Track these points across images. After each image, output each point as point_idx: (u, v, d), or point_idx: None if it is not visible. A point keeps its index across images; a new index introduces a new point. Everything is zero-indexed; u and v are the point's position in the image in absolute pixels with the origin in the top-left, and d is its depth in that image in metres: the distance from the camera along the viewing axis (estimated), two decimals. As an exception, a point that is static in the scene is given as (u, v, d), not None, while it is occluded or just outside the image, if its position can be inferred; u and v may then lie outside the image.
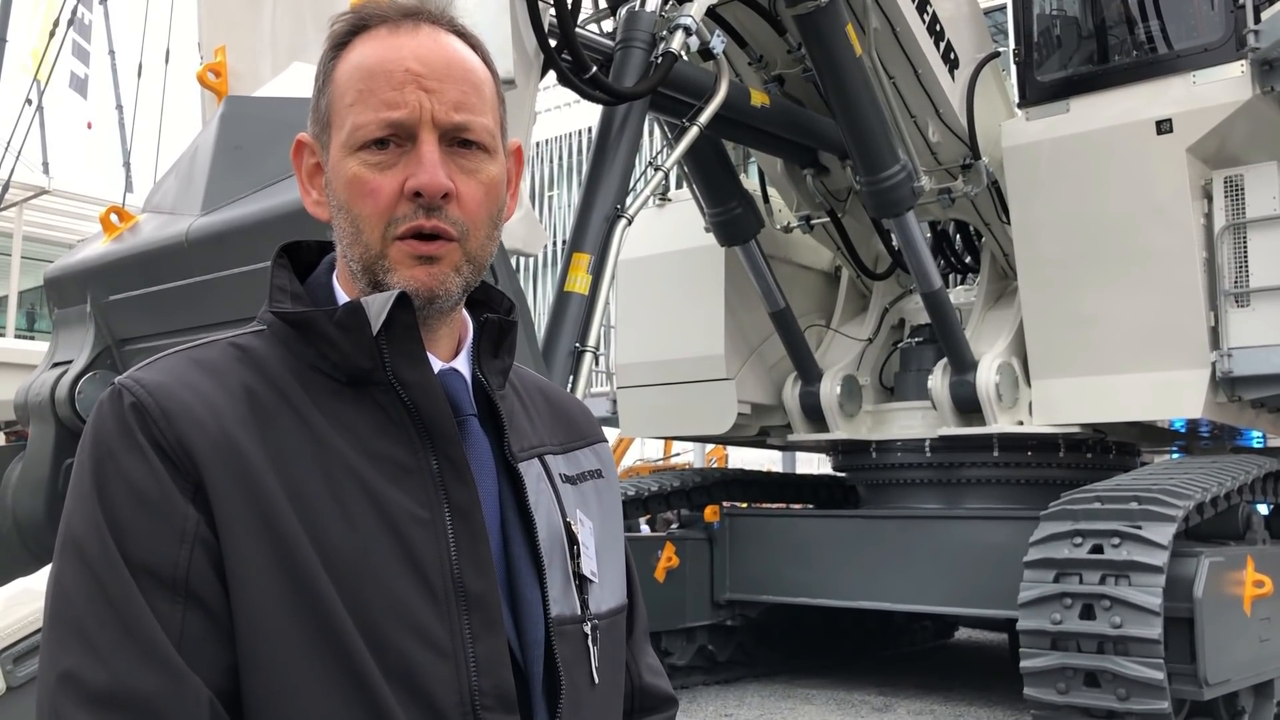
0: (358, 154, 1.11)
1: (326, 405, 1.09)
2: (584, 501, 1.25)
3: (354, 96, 1.12)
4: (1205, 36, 7.44)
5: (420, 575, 1.05)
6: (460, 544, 1.07)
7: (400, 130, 1.10)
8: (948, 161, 8.28)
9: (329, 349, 1.10)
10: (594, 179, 5.57)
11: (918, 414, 8.65)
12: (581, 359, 5.16)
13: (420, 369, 1.11)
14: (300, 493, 1.03)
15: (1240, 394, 7.33)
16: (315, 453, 1.05)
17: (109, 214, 4.81)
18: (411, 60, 1.11)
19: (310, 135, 1.19)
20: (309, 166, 1.20)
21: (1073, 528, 6.12)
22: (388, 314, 1.09)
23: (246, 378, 1.08)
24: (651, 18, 5.68)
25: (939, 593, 7.90)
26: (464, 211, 1.12)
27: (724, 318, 8.88)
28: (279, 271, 1.18)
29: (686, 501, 9.15)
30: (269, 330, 1.15)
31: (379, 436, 1.09)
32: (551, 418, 1.30)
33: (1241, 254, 7.30)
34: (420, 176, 1.09)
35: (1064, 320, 7.75)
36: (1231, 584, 6.25)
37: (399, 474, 1.08)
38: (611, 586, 1.25)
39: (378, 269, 1.11)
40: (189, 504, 1.00)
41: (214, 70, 5.12)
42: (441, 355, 1.18)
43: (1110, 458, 8.57)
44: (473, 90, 1.14)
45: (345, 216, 1.13)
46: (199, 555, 1.00)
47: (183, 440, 1.01)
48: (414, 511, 1.06)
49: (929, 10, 7.69)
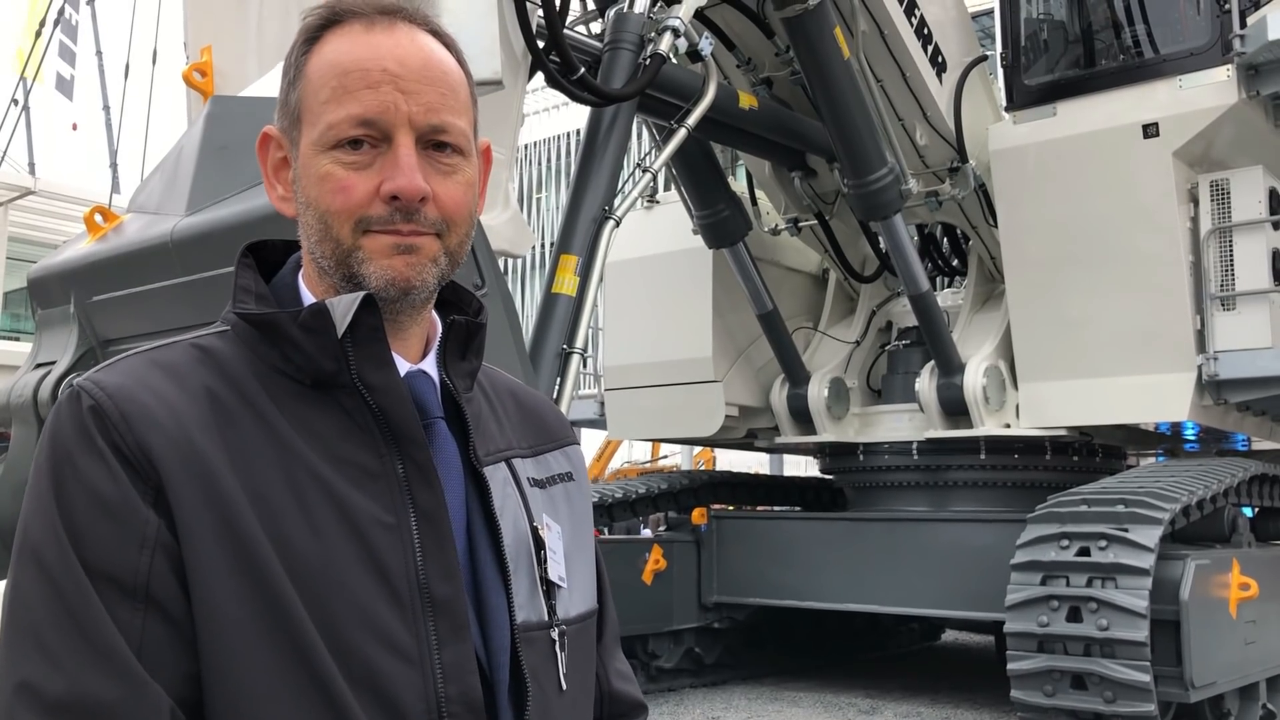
0: (330, 152, 1.09)
1: (290, 408, 1.07)
2: (553, 505, 1.23)
3: (328, 94, 1.10)
4: (1191, 41, 7.47)
5: (385, 581, 1.03)
6: (426, 549, 1.05)
7: (375, 130, 1.08)
8: (935, 165, 8.29)
9: (293, 351, 1.08)
10: (582, 180, 5.55)
11: (905, 416, 8.66)
12: (569, 360, 5.14)
13: (386, 372, 1.09)
14: (263, 497, 1.01)
15: (1226, 397, 7.36)
16: (278, 456, 1.03)
17: (93, 214, 4.77)
18: (389, 60, 1.10)
19: (278, 129, 1.17)
20: (275, 161, 1.18)
21: (1059, 530, 6.13)
22: (353, 316, 1.07)
23: (208, 379, 1.06)
24: (640, 19, 5.67)
25: (926, 595, 7.91)
26: (442, 211, 1.11)
27: (712, 320, 8.88)
28: (243, 271, 1.16)
29: (674, 504, 9.15)
30: (232, 331, 1.12)
31: (344, 440, 1.07)
32: (521, 420, 1.28)
33: (1227, 257, 7.33)
34: (398, 180, 1.07)
35: (1051, 323, 7.77)
36: (1217, 587, 6.27)
37: (364, 478, 1.06)
38: (581, 591, 1.23)
39: (352, 261, 1.09)
40: (149, 509, 0.98)
41: (200, 70, 5.09)
42: (410, 356, 1.16)
43: (1097, 460, 8.59)
44: (450, 92, 1.13)
45: (313, 213, 1.11)
46: (160, 561, 0.97)
47: (142, 443, 0.99)
48: (379, 516, 1.05)
49: (917, 13, 7.70)
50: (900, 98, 7.89)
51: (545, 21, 5.10)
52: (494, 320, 4.25)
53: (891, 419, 8.77)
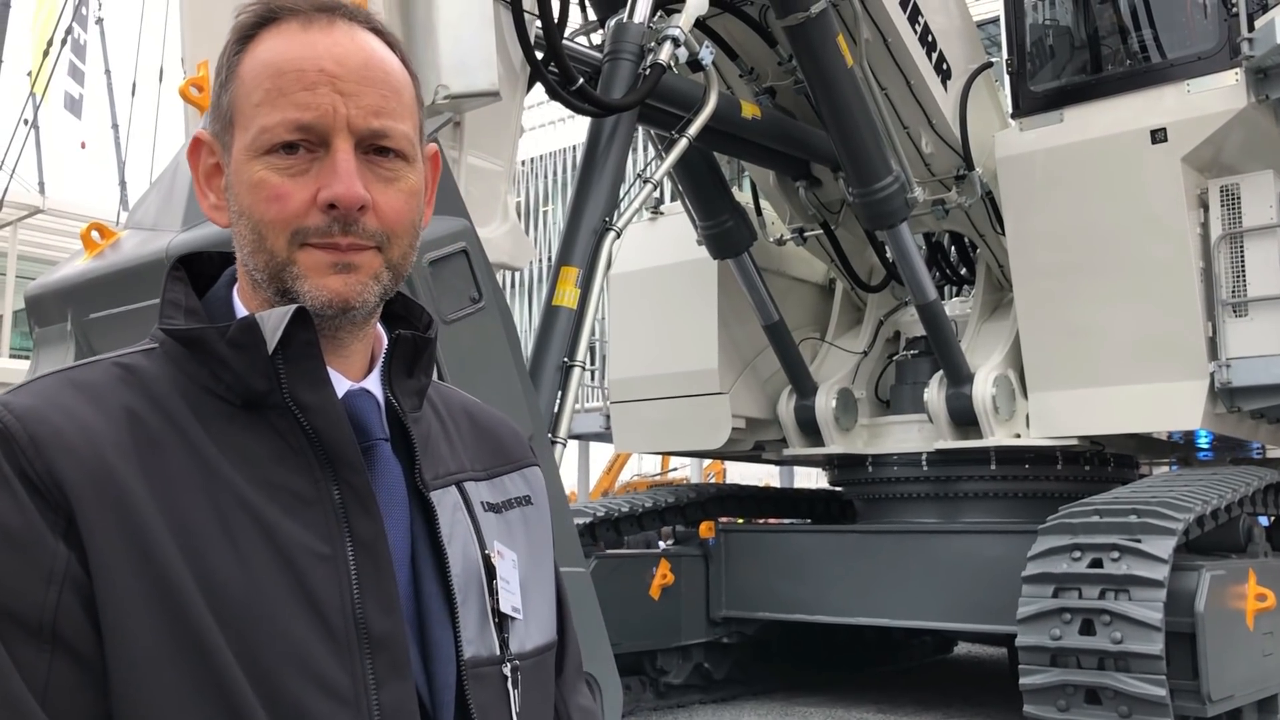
0: (264, 158, 1.02)
1: (219, 430, 1.00)
2: (509, 531, 1.16)
3: (261, 96, 1.03)
4: (1199, 45, 7.40)
5: (318, 615, 0.96)
6: (363, 581, 0.98)
7: (311, 135, 1.02)
8: (941, 172, 8.22)
9: (221, 369, 1.01)
10: (582, 192, 5.50)
11: (914, 427, 8.58)
12: (570, 374, 5.09)
13: (320, 391, 1.02)
14: (185, 527, 0.94)
15: (1239, 405, 7.26)
16: (204, 483, 0.96)
17: (90, 231, 4.74)
18: (326, 59, 1.03)
19: (210, 133, 1.10)
20: (207, 167, 1.11)
21: (1071, 541, 6.04)
22: (286, 330, 1.00)
23: (130, 400, 0.99)
24: (640, 29, 5.63)
25: (937, 608, 7.82)
26: (383, 222, 1.04)
27: (717, 331, 8.81)
28: (173, 284, 1.08)
29: (681, 518, 9.07)
30: (160, 349, 1.05)
31: (276, 464, 1.00)
32: (476, 441, 1.21)
33: (1239, 263, 7.24)
34: (335, 187, 1.00)
35: (1060, 332, 7.69)
36: (1234, 598, 6.17)
37: (297, 505, 0.99)
38: (538, 623, 1.16)
39: (286, 276, 1.03)
40: (58, 540, 0.90)
41: (196, 85, 5.05)
42: (352, 374, 1.09)
43: (1109, 470, 8.49)
44: (391, 94, 1.06)
45: (247, 223, 1.04)
46: (69, 597, 0.90)
47: (53, 470, 0.92)
48: (312, 546, 0.97)
49: (920, 21, 7.65)
50: (905, 105, 7.83)
51: (543, 32, 5.06)
52: (492, 334, 4.21)
53: (900, 430, 8.69)
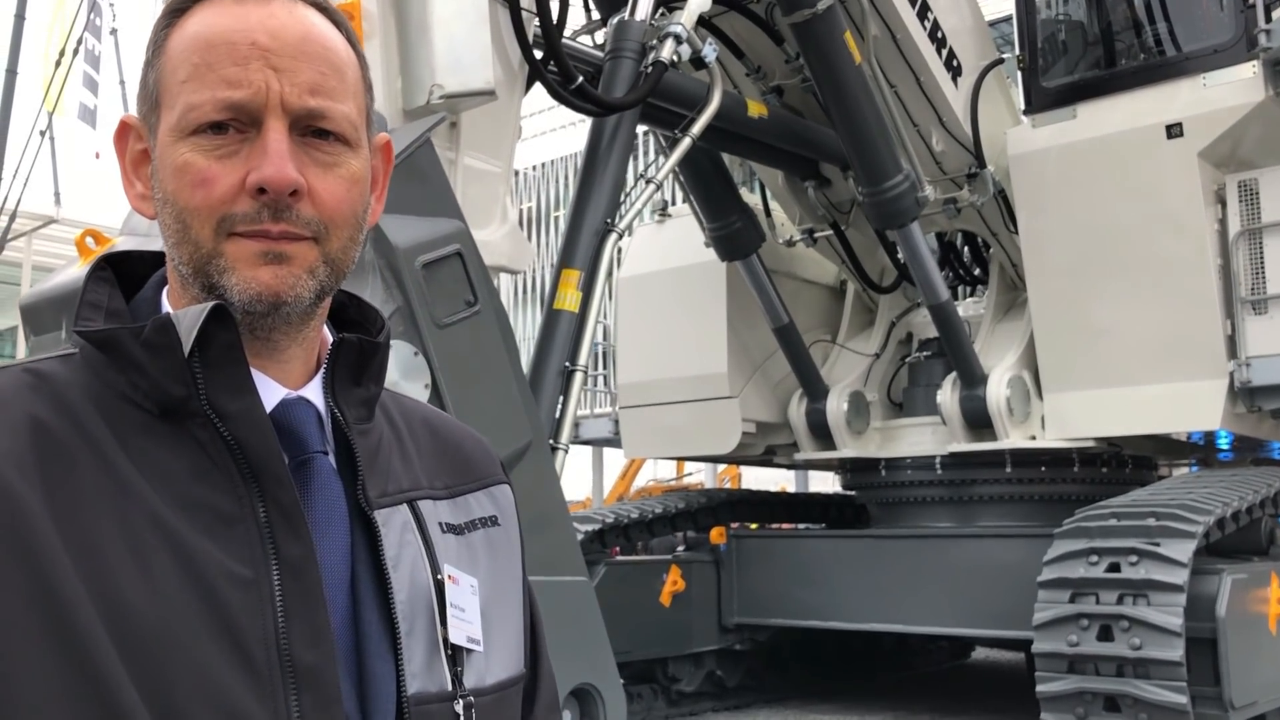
0: (190, 139, 0.94)
1: (135, 443, 0.90)
2: (470, 555, 1.06)
3: (188, 72, 0.94)
4: (1214, 37, 7.25)
5: (237, 646, 0.86)
6: (290, 608, 0.89)
7: (242, 114, 0.93)
8: (953, 171, 8.10)
9: (138, 375, 0.93)
10: (584, 193, 5.41)
11: (927, 430, 8.44)
12: (572, 378, 4.99)
13: (243, 398, 0.93)
14: (89, 548, 0.84)
15: (1260, 404, 7.10)
16: (114, 500, 0.87)
17: (84, 238, 4.68)
18: (260, 32, 0.94)
19: (137, 117, 1.01)
20: (134, 153, 1.02)
21: (1088, 545, 5.90)
22: (203, 330, 0.91)
23: (37, 409, 0.90)
24: (641, 27, 5.53)
25: (952, 614, 7.68)
26: (320, 210, 0.95)
27: (727, 335, 8.70)
28: (94, 285, 0.99)
29: (692, 523, 8.96)
30: (79, 354, 0.96)
31: (195, 480, 0.91)
32: (437, 456, 1.10)
33: (1258, 260, 7.09)
34: (264, 169, 0.92)
35: (1075, 331, 7.55)
36: (1255, 602, 6.02)
37: (217, 525, 0.89)
38: (502, 655, 1.06)
39: (212, 269, 0.93)
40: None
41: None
42: (291, 381, 1.00)
43: (1126, 472, 8.34)
44: (332, 72, 0.97)
45: (171, 210, 0.95)
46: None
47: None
48: (233, 569, 0.88)
49: (930, 17, 7.53)
50: (915, 103, 7.71)
51: (542, 30, 4.97)
52: (487, 338, 4.12)
53: (914, 433, 8.56)
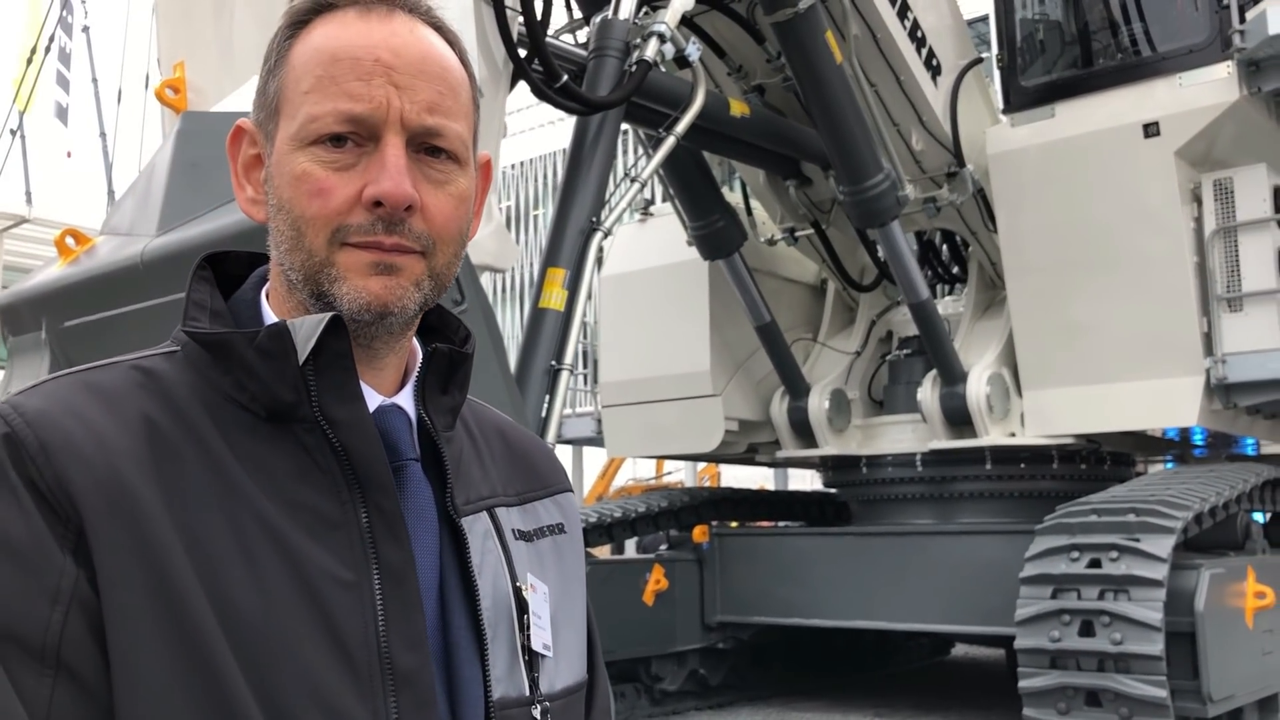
0: (310, 149, 0.96)
1: (241, 444, 0.93)
2: (540, 562, 1.08)
3: (312, 83, 0.96)
4: (1190, 38, 7.32)
5: (340, 648, 0.89)
6: (390, 612, 0.91)
7: (362, 127, 0.95)
8: (932, 170, 8.15)
9: (247, 378, 0.95)
10: (568, 192, 5.42)
11: (908, 427, 8.49)
12: (558, 377, 4.99)
13: (352, 405, 0.95)
14: (201, 546, 0.87)
15: (1236, 400, 7.19)
16: (223, 499, 0.89)
17: (64, 237, 4.65)
18: (383, 49, 0.96)
19: (253, 122, 1.03)
20: (247, 158, 1.04)
21: (1069, 542, 5.96)
22: (318, 340, 0.93)
23: (148, 407, 0.92)
24: (625, 26, 5.54)
25: (934, 610, 7.73)
26: (430, 225, 0.97)
27: (709, 333, 8.72)
28: (198, 285, 1.01)
29: (675, 522, 8.98)
30: (182, 353, 0.98)
31: (300, 483, 0.93)
32: (509, 463, 1.13)
33: (1233, 258, 7.17)
34: (383, 183, 0.93)
35: (1054, 329, 7.61)
36: (1233, 596, 6.09)
37: (321, 528, 0.92)
38: (569, 661, 1.08)
39: (323, 278, 0.95)
40: (67, 556, 0.84)
41: (172, 86, 4.97)
42: (385, 388, 1.02)
43: (1105, 468, 8.41)
44: (449, 92, 0.99)
45: (286, 218, 0.97)
46: (75, 618, 0.83)
47: (63, 479, 0.85)
48: (336, 573, 0.91)
49: (910, 16, 7.57)
50: (895, 102, 7.75)
51: (526, 28, 4.97)
52: (476, 338, 4.12)
53: (894, 430, 8.60)
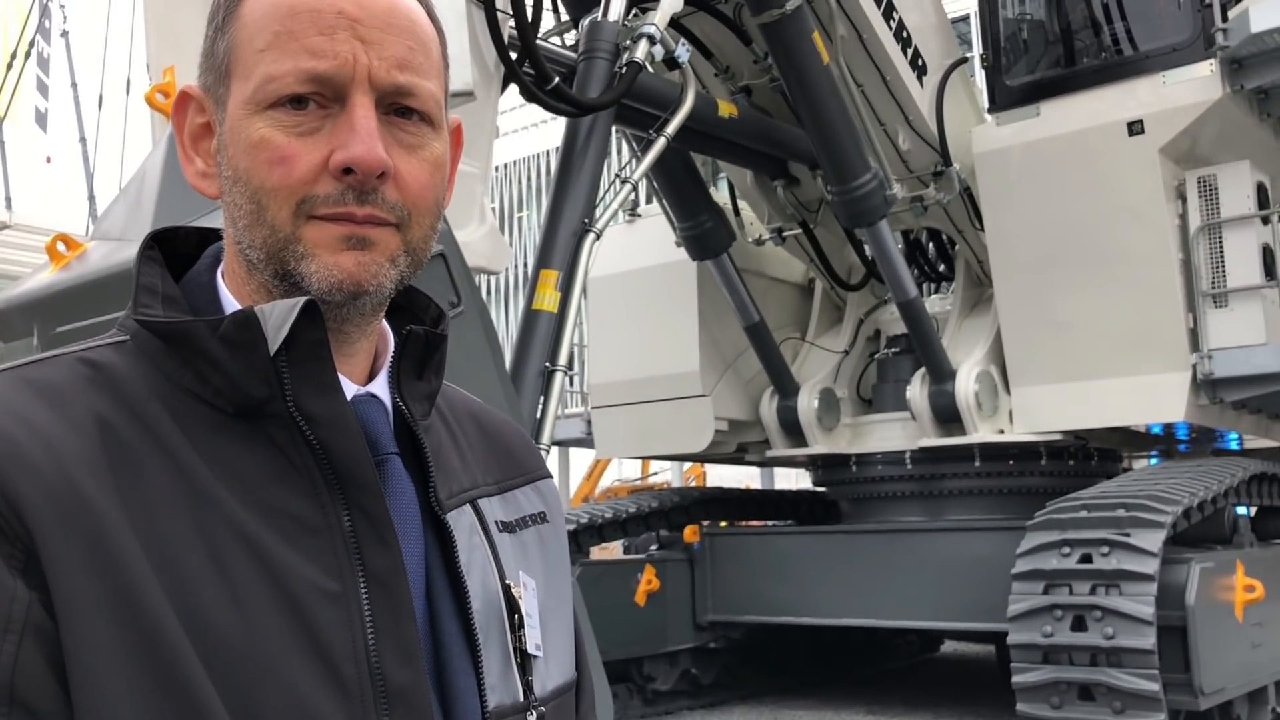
0: (268, 112, 0.86)
1: (206, 443, 0.83)
2: (525, 555, 1.01)
3: (268, 39, 0.86)
4: (1173, 36, 7.39)
5: (327, 665, 0.81)
6: (379, 623, 0.83)
7: (326, 87, 0.86)
8: (919, 169, 8.19)
9: (211, 371, 0.85)
10: (560, 194, 5.41)
11: (897, 425, 8.53)
12: (552, 378, 4.99)
13: (330, 398, 0.86)
14: (169, 560, 0.78)
15: (1222, 396, 7.25)
16: (190, 506, 0.80)
17: (55, 242, 4.62)
18: (347, 1, 0.87)
19: (200, 87, 0.93)
20: (194, 127, 0.93)
21: (1060, 537, 6.00)
22: (291, 328, 0.84)
23: (99, 404, 0.82)
24: (614, 28, 5.54)
25: (925, 607, 7.76)
26: (405, 194, 0.88)
27: (698, 333, 8.74)
28: (147, 267, 0.91)
29: (665, 522, 8.99)
30: (132, 342, 0.87)
31: (275, 485, 0.84)
32: (486, 449, 1.04)
33: (1218, 254, 7.24)
34: (353, 148, 0.84)
35: (1041, 326, 7.66)
36: (1222, 590, 6.14)
37: (300, 534, 0.83)
38: (559, 659, 1.01)
39: (288, 255, 0.86)
40: (16, 578, 0.75)
41: (162, 91, 4.94)
42: (356, 376, 0.93)
43: (1093, 464, 8.47)
44: (419, 47, 0.90)
45: (244, 190, 0.87)
46: (29, 648, 0.74)
47: (8, 492, 0.75)
48: (319, 582, 0.82)
49: (895, 17, 7.60)
50: (881, 102, 7.79)
51: (517, 31, 4.97)
52: (473, 340, 4.12)
53: (883, 429, 8.64)
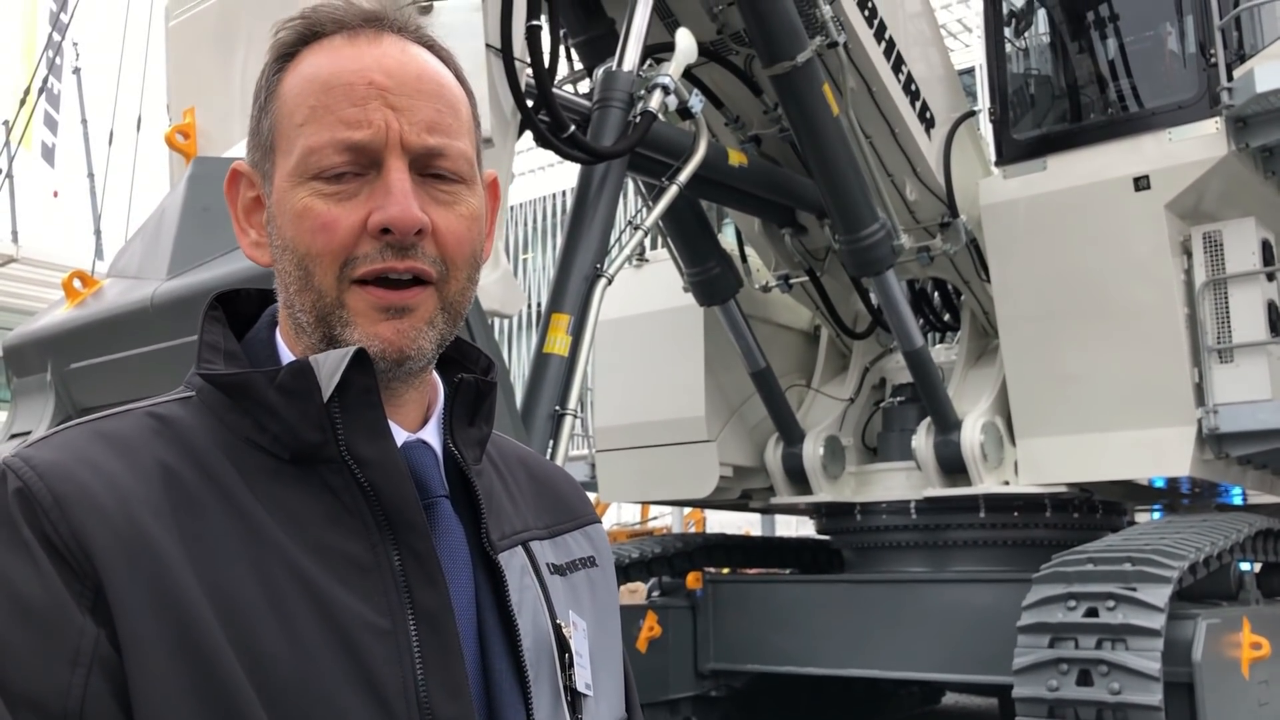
0: (309, 183, 0.93)
1: (264, 488, 0.89)
2: (575, 597, 1.05)
3: (305, 115, 0.93)
4: (1179, 94, 7.48)
5: (379, 700, 0.85)
6: (428, 660, 0.88)
7: (362, 155, 0.92)
8: (926, 220, 8.24)
9: (269, 419, 0.91)
10: (573, 238, 5.46)
11: (902, 475, 8.52)
12: (562, 422, 5.01)
13: (381, 443, 0.91)
14: (228, 598, 0.83)
15: (1228, 451, 7.25)
16: (248, 548, 0.86)
17: (71, 279, 4.67)
18: (376, 72, 0.93)
19: (248, 164, 1.00)
20: (246, 201, 1.01)
21: (1066, 590, 5.97)
22: (342, 375, 0.89)
23: (164, 454, 0.89)
24: (629, 77, 5.62)
25: (928, 658, 7.71)
26: (443, 249, 0.94)
27: (704, 379, 8.75)
28: (210, 326, 0.98)
29: (668, 568, 8.95)
30: (197, 397, 0.95)
31: (329, 527, 0.89)
32: (535, 495, 1.10)
33: (1223, 310, 7.27)
34: (389, 209, 0.90)
35: (1047, 378, 7.68)
36: (1229, 646, 6.11)
37: (352, 573, 0.88)
38: (609, 699, 1.05)
39: (334, 320, 0.92)
40: (86, 615, 0.80)
41: (182, 132, 5.01)
42: (407, 424, 0.98)
43: (1097, 517, 8.45)
44: (448, 109, 0.96)
45: (291, 257, 0.94)
46: (97, 681, 0.79)
47: (79, 534, 0.81)
48: (370, 620, 0.87)
49: (904, 70, 7.70)
50: (890, 154, 7.86)
51: (534, 79, 5.04)
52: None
53: (888, 478, 8.63)
